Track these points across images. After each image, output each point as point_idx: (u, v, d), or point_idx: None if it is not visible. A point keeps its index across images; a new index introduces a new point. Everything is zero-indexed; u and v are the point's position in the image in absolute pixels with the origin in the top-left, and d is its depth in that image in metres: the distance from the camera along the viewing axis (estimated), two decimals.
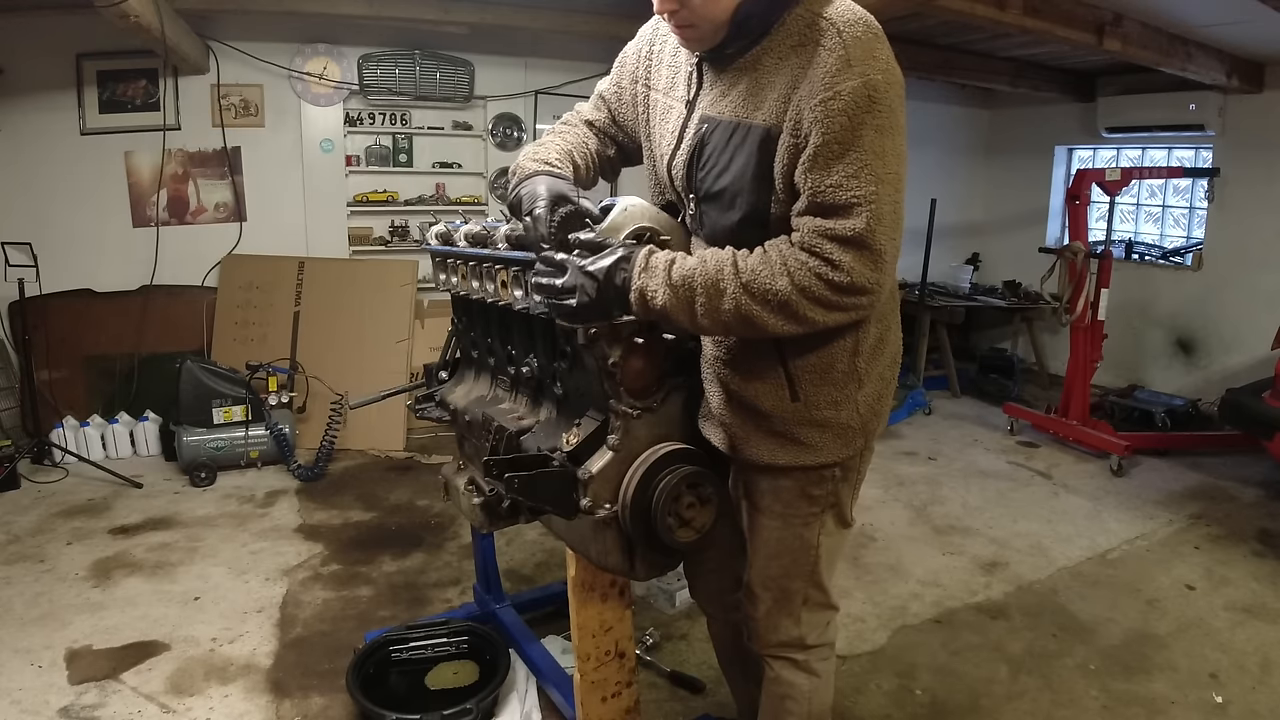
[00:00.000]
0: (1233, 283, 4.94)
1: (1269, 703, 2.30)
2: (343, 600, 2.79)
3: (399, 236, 4.95)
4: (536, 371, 1.70)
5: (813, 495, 1.44)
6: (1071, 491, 3.93)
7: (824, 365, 1.35)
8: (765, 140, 1.24)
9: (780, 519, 1.47)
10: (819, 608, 1.55)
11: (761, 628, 1.56)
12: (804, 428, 1.38)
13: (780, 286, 1.19)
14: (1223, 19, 3.79)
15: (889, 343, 1.43)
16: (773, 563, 1.50)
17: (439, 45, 4.74)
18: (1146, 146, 5.62)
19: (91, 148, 4.34)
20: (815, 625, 1.55)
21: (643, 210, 1.42)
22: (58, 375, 4.26)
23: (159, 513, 3.49)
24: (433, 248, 1.99)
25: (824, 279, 1.18)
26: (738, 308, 1.21)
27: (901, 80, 1.21)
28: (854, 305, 1.21)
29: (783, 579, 1.50)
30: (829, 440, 1.39)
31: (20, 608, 2.69)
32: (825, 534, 1.48)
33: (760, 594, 1.53)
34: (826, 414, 1.37)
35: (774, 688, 1.59)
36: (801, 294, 1.19)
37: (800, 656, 1.55)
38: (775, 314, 1.21)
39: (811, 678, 1.56)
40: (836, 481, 1.45)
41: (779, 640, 1.55)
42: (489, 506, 1.75)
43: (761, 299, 1.20)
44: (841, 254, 1.17)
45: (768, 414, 1.39)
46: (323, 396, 4.25)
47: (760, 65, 1.27)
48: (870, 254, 1.17)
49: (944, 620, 2.72)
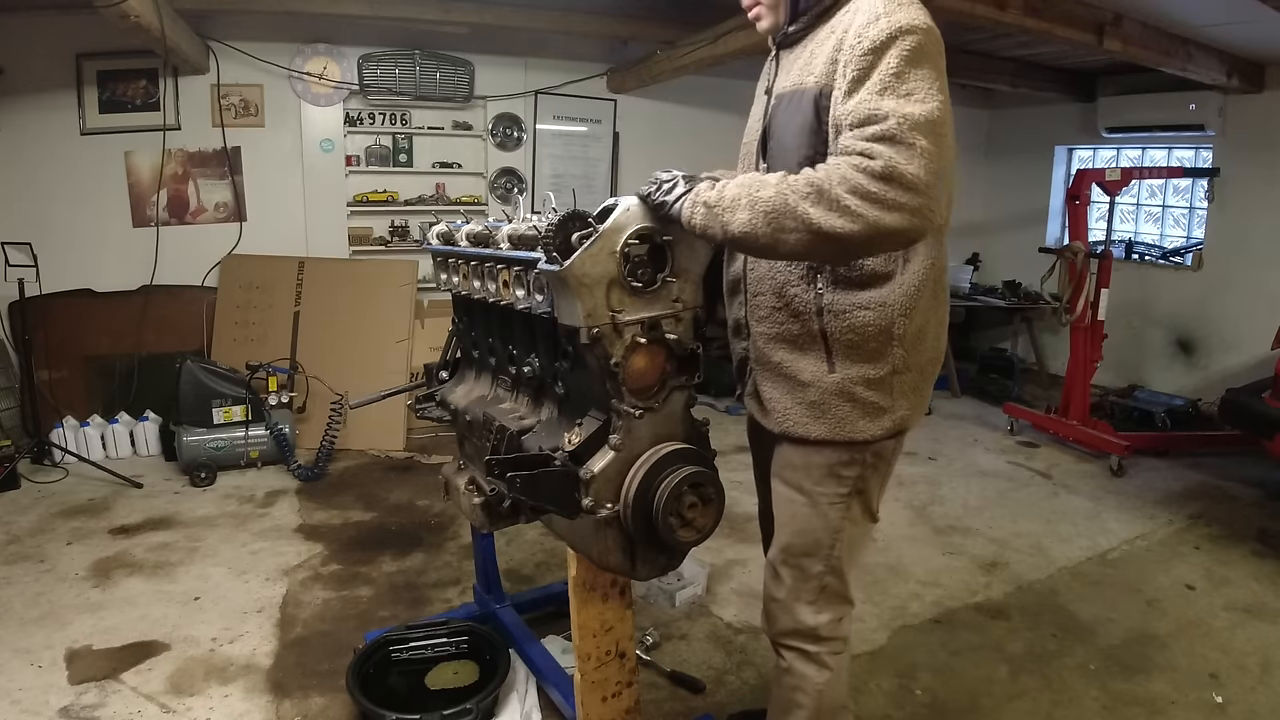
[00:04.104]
0: (1233, 283, 4.95)
1: (1269, 703, 2.30)
2: (343, 600, 2.79)
3: (399, 236, 4.95)
4: (538, 371, 1.70)
5: (841, 475, 1.49)
6: (1071, 491, 3.93)
7: (861, 341, 1.41)
8: (818, 98, 1.36)
9: (809, 496, 1.52)
10: (836, 598, 1.57)
11: (779, 610, 1.59)
12: (839, 400, 1.44)
13: (818, 176, 1.22)
14: (1223, 19, 3.79)
15: (928, 339, 1.48)
16: (796, 540, 1.54)
17: (439, 45, 4.74)
18: (1146, 146, 5.62)
19: (91, 148, 4.34)
20: (830, 616, 1.57)
21: (644, 211, 1.42)
22: (58, 375, 4.26)
23: (159, 513, 3.49)
24: (434, 247, 1.99)
25: (860, 168, 1.18)
26: (779, 194, 1.24)
27: (937, 36, 1.28)
28: (895, 201, 1.17)
29: (804, 558, 1.54)
30: (858, 416, 1.45)
31: (20, 608, 2.69)
32: (850, 520, 1.52)
33: (782, 571, 1.57)
34: (859, 390, 1.44)
35: (785, 678, 1.61)
36: (840, 182, 1.19)
37: (812, 648, 1.57)
38: (815, 203, 1.20)
39: (823, 670, 1.57)
40: (866, 467, 1.50)
41: (793, 628, 1.57)
42: (489, 506, 1.75)
43: (802, 190, 1.22)
44: (878, 147, 1.19)
45: (806, 384, 1.46)
46: (323, 396, 4.25)
47: (815, 38, 1.42)
48: (905, 148, 1.18)
49: (944, 620, 2.72)
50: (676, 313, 1.47)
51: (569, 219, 1.41)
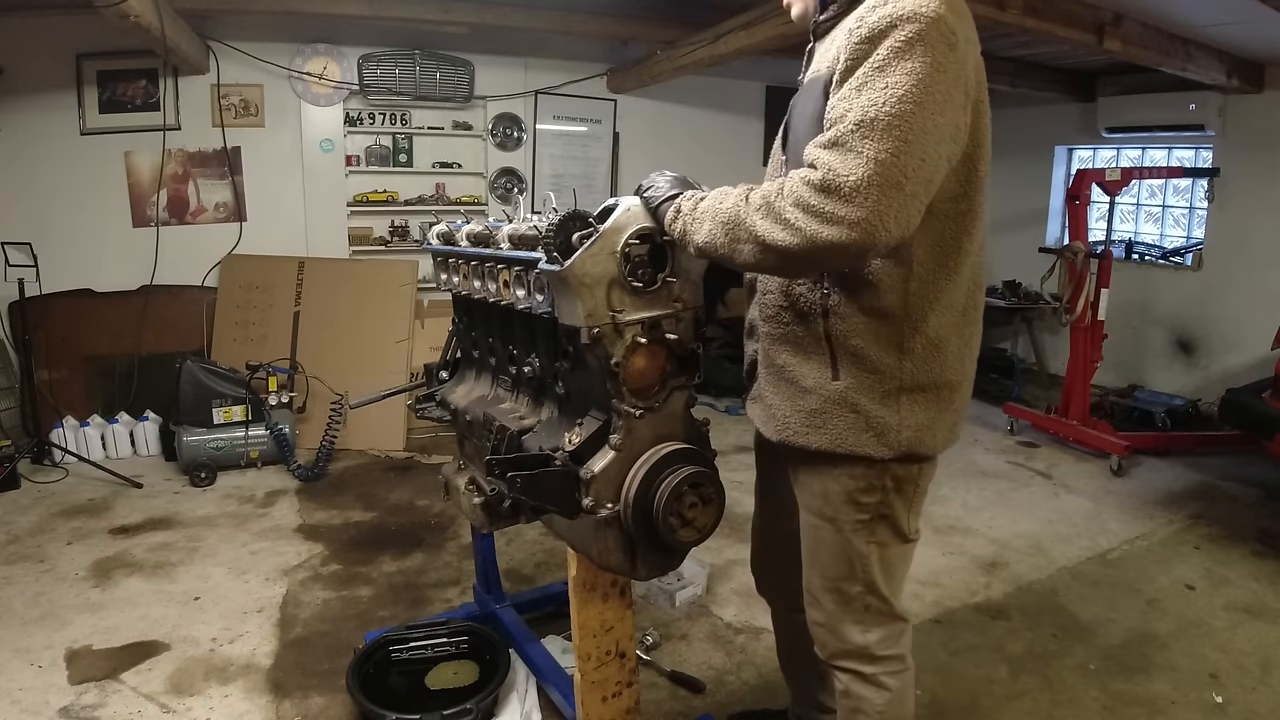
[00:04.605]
0: (1233, 283, 4.94)
1: (1269, 703, 2.29)
2: (343, 600, 2.79)
3: (399, 236, 4.95)
4: (538, 371, 1.70)
5: (860, 503, 1.42)
6: (1071, 491, 3.93)
7: (866, 349, 1.34)
8: (826, 85, 1.30)
9: (831, 523, 1.45)
10: (882, 616, 1.48)
11: (825, 634, 1.51)
12: (841, 410, 1.37)
13: (773, 188, 1.21)
14: (1223, 19, 3.78)
15: (946, 357, 1.37)
16: (830, 565, 1.48)
17: (439, 45, 4.74)
18: (1146, 146, 5.61)
19: (91, 148, 4.34)
20: (881, 634, 1.48)
21: (644, 211, 1.43)
22: (58, 375, 4.26)
23: (159, 513, 3.49)
24: (434, 247, 1.99)
25: (805, 179, 1.16)
26: (734, 205, 1.25)
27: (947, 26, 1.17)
28: (832, 214, 1.12)
29: (840, 582, 1.47)
30: (861, 429, 1.36)
31: (20, 608, 2.69)
32: (878, 544, 1.44)
33: (820, 597, 1.50)
34: (863, 401, 1.36)
35: (845, 701, 1.53)
36: (788, 194, 1.18)
37: (868, 669, 1.48)
38: (764, 216, 1.20)
39: (882, 692, 1.48)
40: (888, 492, 1.41)
41: (844, 649, 1.49)
42: (489, 506, 1.75)
43: (756, 203, 1.23)
44: (824, 155, 1.16)
45: (808, 390, 1.40)
46: (323, 396, 4.25)
47: (842, 27, 1.35)
48: (852, 155, 1.12)
49: (944, 620, 2.72)
50: (676, 313, 1.47)
51: (569, 219, 1.41)
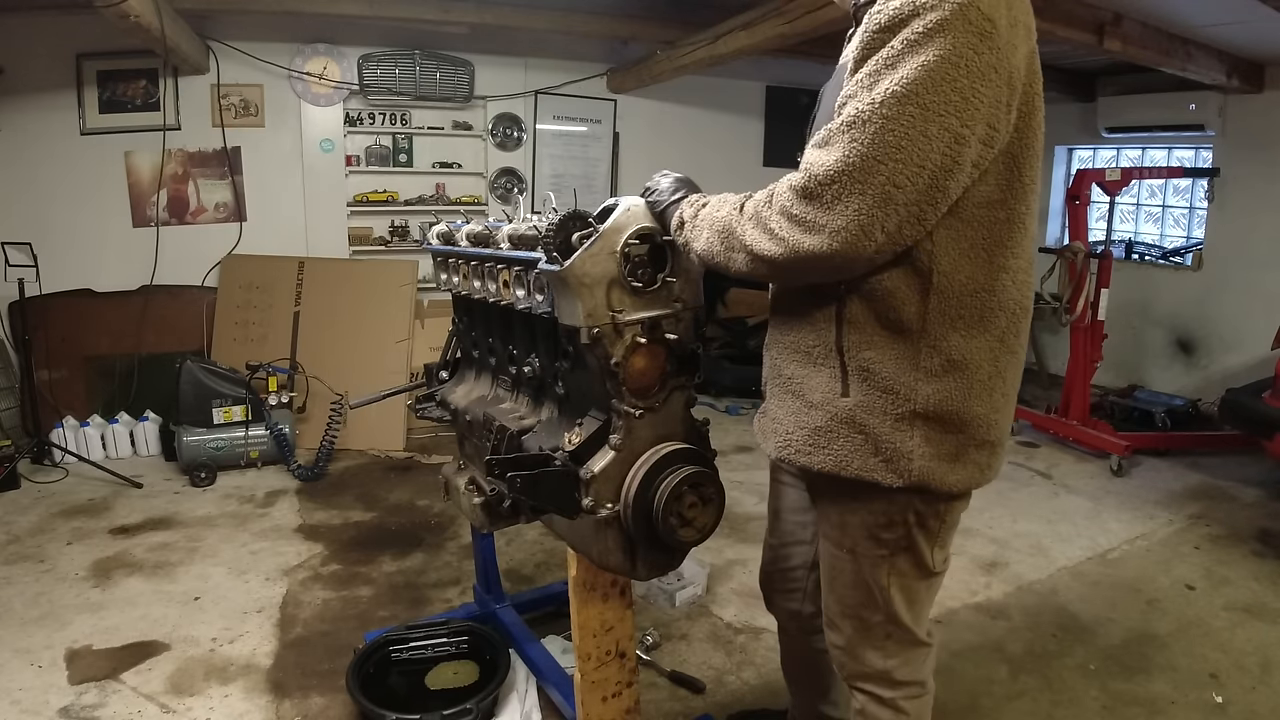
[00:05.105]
0: (1233, 283, 4.94)
1: (1269, 703, 2.29)
2: (343, 600, 2.79)
3: (399, 236, 4.95)
4: (538, 371, 1.70)
5: (881, 539, 1.36)
6: (1071, 491, 3.93)
7: (878, 366, 1.24)
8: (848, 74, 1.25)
9: (850, 554, 1.40)
10: (903, 642, 1.44)
11: (844, 657, 1.48)
12: (848, 430, 1.27)
13: (761, 196, 1.19)
14: (1223, 19, 3.78)
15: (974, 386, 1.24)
16: (849, 594, 1.44)
17: (439, 45, 4.75)
18: (1146, 146, 5.61)
19: (91, 148, 4.34)
20: (902, 660, 1.44)
21: (644, 211, 1.43)
22: (58, 375, 4.26)
23: (159, 513, 3.49)
24: (434, 247, 1.99)
25: (791, 184, 1.13)
26: (729, 214, 1.24)
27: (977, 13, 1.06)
28: (813, 222, 1.09)
29: (860, 610, 1.43)
30: (869, 453, 1.26)
31: (20, 608, 2.69)
32: (897, 575, 1.38)
33: (839, 622, 1.47)
34: (872, 422, 1.25)
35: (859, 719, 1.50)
36: (774, 201, 1.16)
37: (887, 693, 1.44)
38: (754, 225, 1.18)
39: (900, 716, 1.44)
40: (910, 527, 1.34)
41: (863, 672, 1.46)
42: (489, 506, 1.75)
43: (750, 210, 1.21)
44: (809, 154, 1.12)
45: (815, 405, 1.31)
46: (323, 396, 4.25)
47: None
48: (827, 151, 1.07)
49: (944, 620, 2.71)
50: (676, 313, 1.47)
51: (569, 219, 1.41)
